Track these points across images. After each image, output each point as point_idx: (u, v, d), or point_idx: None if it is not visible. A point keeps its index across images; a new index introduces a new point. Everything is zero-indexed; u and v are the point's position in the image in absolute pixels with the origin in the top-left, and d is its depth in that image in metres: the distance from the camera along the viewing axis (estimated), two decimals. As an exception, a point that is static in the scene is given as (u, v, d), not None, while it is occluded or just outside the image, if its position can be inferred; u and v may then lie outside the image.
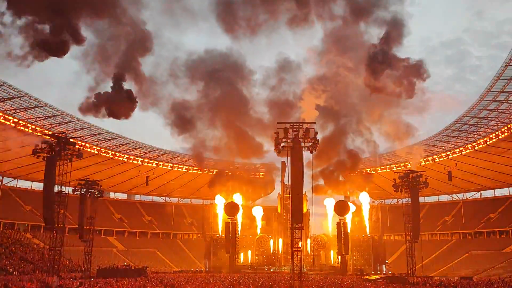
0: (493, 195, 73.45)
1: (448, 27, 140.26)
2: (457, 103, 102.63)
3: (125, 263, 57.93)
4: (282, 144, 30.62)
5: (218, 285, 31.39)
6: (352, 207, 60.58)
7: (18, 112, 50.85)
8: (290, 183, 30.78)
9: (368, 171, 75.04)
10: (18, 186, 68.10)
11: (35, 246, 57.66)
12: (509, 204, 69.07)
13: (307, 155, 30.84)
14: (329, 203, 62.72)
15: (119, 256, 66.60)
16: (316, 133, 30.48)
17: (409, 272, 40.30)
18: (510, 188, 70.44)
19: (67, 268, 48.58)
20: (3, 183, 65.66)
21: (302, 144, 30.12)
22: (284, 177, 67.52)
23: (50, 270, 32.73)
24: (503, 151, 58.46)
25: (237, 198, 66.68)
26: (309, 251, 63.40)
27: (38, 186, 61.15)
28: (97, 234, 61.67)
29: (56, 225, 33.60)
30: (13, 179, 67.05)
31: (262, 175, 79.05)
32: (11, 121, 50.02)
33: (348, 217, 58.28)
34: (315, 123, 32.07)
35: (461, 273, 51.38)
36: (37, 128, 52.09)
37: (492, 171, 65.74)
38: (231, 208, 62.35)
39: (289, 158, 30.14)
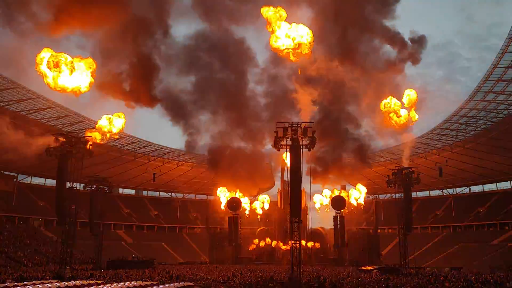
0: (482, 190, 75.71)
1: (440, 30, 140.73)
2: (447, 102, 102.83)
3: (133, 256, 59.17)
4: (282, 143, 32.84)
5: (221, 276, 33.55)
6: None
7: (32, 113, 53.45)
8: (289, 179, 32.58)
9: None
10: (32, 182, 70.29)
11: (48, 239, 59.73)
12: (496, 199, 70.95)
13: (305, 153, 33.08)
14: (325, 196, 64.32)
15: (127, 249, 68.43)
16: (313, 131, 32.61)
17: (402, 263, 41.90)
18: (497, 183, 72.74)
19: (79, 260, 50.27)
20: (18, 180, 67.78)
21: (300, 143, 32.30)
22: (284, 173, 68.59)
23: (62, 262, 33.77)
24: (491, 148, 59.97)
25: (239, 193, 67.86)
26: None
27: (51, 182, 62.73)
28: (107, 228, 63.88)
29: (68, 219, 35.08)
30: (27, 176, 69.27)
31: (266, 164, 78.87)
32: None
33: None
34: (312, 122, 34.48)
35: (451, 264, 52.83)
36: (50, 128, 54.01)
37: (480, 168, 67.60)
38: (233, 203, 64.08)
39: (288, 153, 32.45)
